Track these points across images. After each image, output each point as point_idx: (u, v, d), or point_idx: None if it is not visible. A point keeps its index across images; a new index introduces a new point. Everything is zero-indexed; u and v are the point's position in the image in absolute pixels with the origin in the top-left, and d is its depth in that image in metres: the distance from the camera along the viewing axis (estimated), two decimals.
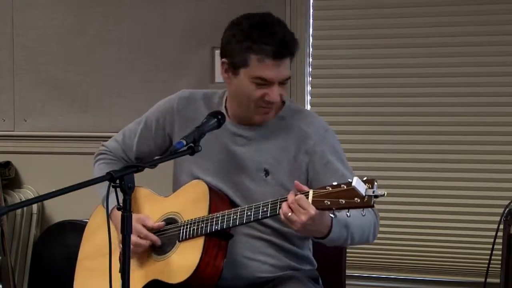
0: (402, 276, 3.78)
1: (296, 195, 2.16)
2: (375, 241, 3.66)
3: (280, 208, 2.19)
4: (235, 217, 2.31)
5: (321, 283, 2.57)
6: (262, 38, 2.30)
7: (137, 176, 2.10)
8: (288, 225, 2.19)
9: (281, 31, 2.32)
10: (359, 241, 2.35)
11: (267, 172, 2.43)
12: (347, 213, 2.11)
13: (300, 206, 2.13)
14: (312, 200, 2.12)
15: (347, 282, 2.76)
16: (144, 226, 2.44)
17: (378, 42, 3.68)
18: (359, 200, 2.05)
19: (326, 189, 2.11)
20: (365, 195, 2.03)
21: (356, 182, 2.02)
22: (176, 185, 2.56)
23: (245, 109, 2.41)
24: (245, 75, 2.34)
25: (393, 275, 3.79)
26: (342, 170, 2.38)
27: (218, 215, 2.34)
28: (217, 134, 2.44)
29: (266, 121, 2.44)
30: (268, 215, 2.25)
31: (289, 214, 2.15)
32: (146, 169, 2.14)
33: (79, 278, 2.65)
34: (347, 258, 2.77)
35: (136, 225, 2.40)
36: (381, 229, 3.66)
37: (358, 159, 3.70)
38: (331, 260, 2.64)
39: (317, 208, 2.12)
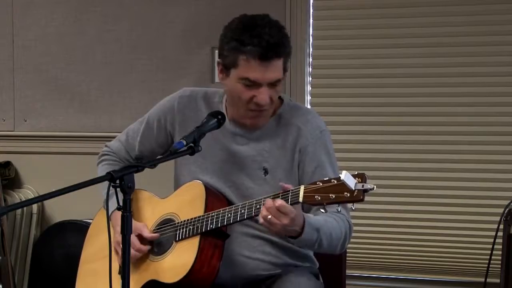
0: (402, 276, 3.78)
1: (274, 198, 2.18)
2: (375, 241, 3.72)
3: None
4: (229, 215, 2.32)
5: (321, 280, 2.57)
6: (249, 38, 2.28)
7: (137, 177, 2.10)
8: (267, 227, 2.20)
9: (270, 33, 2.29)
10: (327, 248, 2.35)
11: (266, 171, 2.43)
12: (322, 210, 2.12)
13: (282, 213, 2.15)
14: (303, 196, 2.14)
15: (347, 282, 2.76)
16: (140, 235, 2.44)
17: (378, 42, 3.68)
18: (348, 195, 2.06)
19: (317, 185, 2.12)
20: (355, 189, 2.04)
21: (345, 177, 2.03)
22: (177, 186, 2.56)
23: (238, 110, 2.42)
24: (234, 75, 2.34)
25: (393, 275, 3.79)
26: (331, 176, 2.37)
27: (213, 214, 2.35)
28: (217, 134, 2.45)
29: (258, 125, 2.43)
30: None
31: (269, 217, 2.16)
32: (147, 170, 2.15)
33: (81, 280, 2.66)
34: (347, 258, 2.77)
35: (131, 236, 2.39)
36: (381, 229, 3.71)
37: (358, 159, 3.71)
38: (331, 260, 2.64)
39: (308, 203, 2.13)
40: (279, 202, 2.15)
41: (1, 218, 3.73)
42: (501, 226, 3.06)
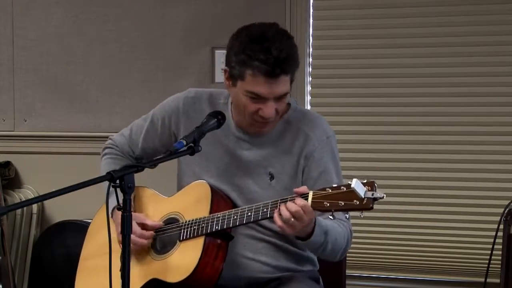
0: (402, 276, 3.78)
1: (293, 198, 2.17)
2: (375, 241, 3.71)
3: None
4: (235, 217, 2.31)
5: (322, 283, 2.57)
6: (256, 54, 2.24)
7: (140, 176, 2.10)
8: (283, 228, 2.19)
9: (278, 48, 2.23)
10: (329, 253, 2.35)
11: (272, 176, 2.43)
12: (330, 216, 2.12)
13: (305, 213, 2.15)
14: (312, 202, 2.13)
15: (347, 282, 2.76)
16: (143, 224, 2.44)
17: (378, 42, 3.68)
18: (358, 203, 2.05)
19: (326, 191, 2.12)
20: (364, 197, 2.03)
21: (356, 184, 2.02)
22: (181, 187, 2.56)
23: (243, 119, 2.41)
24: (240, 87, 2.32)
25: (393, 275, 3.79)
26: (336, 182, 2.33)
27: (218, 215, 2.35)
28: (222, 137, 2.45)
29: (263, 134, 2.43)
30: (268, 216, 2.25)
31: (292, 219, 2.15)
32: (149, 169, 2.14)
33: (81, 277, 2.66)
34: (347, 258, 2.77)
35: (133, 223, 2.40)
36: (381, 229, 3.71)
37: (358, 159, 3.71)
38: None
39: (316, 209, 2.13)
40: (303, 202, 2.14)
41: (1, 218, 3.73)
42: (501, 226, 3.06)
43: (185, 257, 2.36)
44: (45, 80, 4.11)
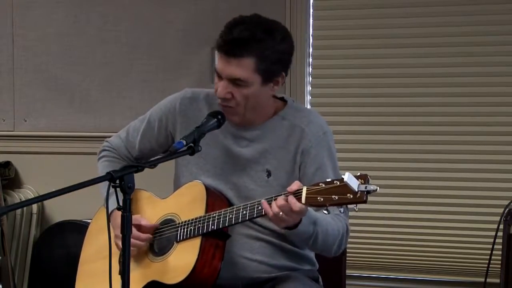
0: (402, 276, 3.78)
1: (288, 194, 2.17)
2: (375, 241, 3.71)
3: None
4: (231, 216, 2.31)
5: (321, 283, 2.57)
6: (222, 33, 2.32)
7: (137, 177, 2.10)
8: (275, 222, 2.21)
9: (240, 30, 2.29)
10: (321, 245, 2.33)
11: (269, 173, 2.42)
12: (325, 211, 2.12)
13: (294, 211, 2.15)
14: (306, 197, 2.12)
15: (347, 282, 2.76)
16: (139, 226, 2.44)
17: (378, 42, 3.68)
18: (351, 196, 2.05)
19: (319, 186, 2.11)
20: (358, 190, 2.03)
21: (348, 178, 2.02)
22: (177, 187, 2.55)
23: None
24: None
25: (393, 275, 3.79)
26: (332, 178, 2.35)
27: (214, 215, 2.34)
28: (219, 135, 2.44)
29: (231, 121, 2.42)
30: (263, 213, 2.24)
31: (281, 213, 2.16)
32: (147, 170, 2.14)
33: (80, 281, 2.65)
34: (347, 258, 2.77)
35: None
36: (381, 229, 3.72)
37: (358, 159, 3.71)
38: (331, 260, 2.63)
39: (310, 205, 2.13)
40: (293, 201, 2.14)
41: (1, 218, 3.73)
42: (501, 226, 3.07)
43: (182, 258, 2.36)
44: (45, 80, 4.12)
